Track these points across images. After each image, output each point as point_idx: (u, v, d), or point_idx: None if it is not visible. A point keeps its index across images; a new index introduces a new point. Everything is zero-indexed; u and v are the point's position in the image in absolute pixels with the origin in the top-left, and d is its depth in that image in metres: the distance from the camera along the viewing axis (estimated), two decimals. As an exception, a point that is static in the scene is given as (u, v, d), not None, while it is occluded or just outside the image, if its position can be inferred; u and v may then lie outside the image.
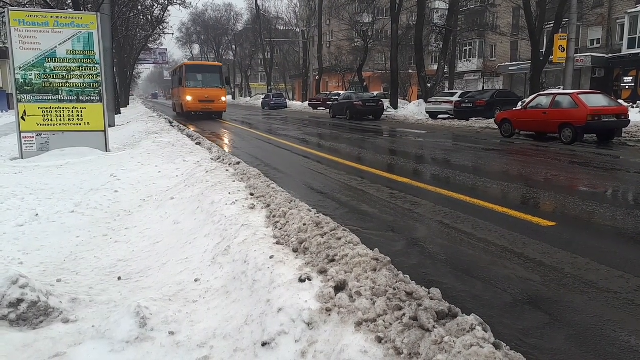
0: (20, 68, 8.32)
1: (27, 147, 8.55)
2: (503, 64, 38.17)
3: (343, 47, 44.86)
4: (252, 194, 4.68)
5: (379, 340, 1.97)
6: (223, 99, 23.70)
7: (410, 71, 37.75)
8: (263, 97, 45.61)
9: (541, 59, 22.03)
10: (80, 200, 5.18)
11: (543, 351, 2.37)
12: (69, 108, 8.73)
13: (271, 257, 2.87)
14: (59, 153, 8.47)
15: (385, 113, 24.56)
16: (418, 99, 28.72)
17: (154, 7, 31.27)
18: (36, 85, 8.45)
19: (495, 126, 15.03)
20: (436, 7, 40.84)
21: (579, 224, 4.70)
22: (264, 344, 2.17)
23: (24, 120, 8.47)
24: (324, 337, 2.11)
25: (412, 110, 25.10)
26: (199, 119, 22.83)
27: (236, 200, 4.35)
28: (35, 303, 2.44)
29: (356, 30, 36.52)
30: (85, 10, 16.99)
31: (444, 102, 21.79)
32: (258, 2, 50.62)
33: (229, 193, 4.66)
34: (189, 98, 22.76)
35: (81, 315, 2.55)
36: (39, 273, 3.28)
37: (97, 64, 8.80)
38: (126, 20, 30.12)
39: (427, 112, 22.77)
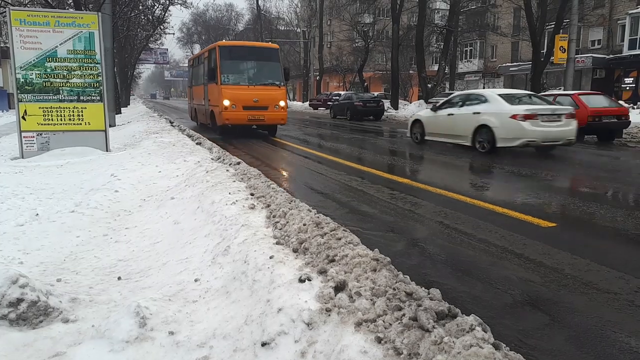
0: (21, 68, 8.32)
1: (27, 146, 8.55)
2: (504, 65, 38.19)
3: (344, 48, 44.88)
4: (252, 194, 4.68)
5: (379, 340, 1.97)
6: (282, 103, 13.84)
7: (410, 72, 37.79)
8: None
9: (542, 59, 22.03)
10: (81, 200, 5.17)
11: (543, 352, 2.37)
12: (69, 108, 8.73)
13: (271, 257, 2.86)
14: (59, 153, 8.47)
15: (385, 113, 24.59)
16: (419, 100, 28.79)
17: (155, 7, 31.34)
18: (37, 85, 8.45)
19: (496, 127, 15.00)
20: (437, 7, 40.84)
21: (579, 225, 4.70)
22: (263, 344, 2.17)
23: (25, 119, 8.47)
24: (324, 337, 2.11)
25: (413, 110, 25.08)
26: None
27: (236, 200, 4.35)
28: (35, 303, 2.44)
29: (357, 30, 36.53)
30: (86, 10, 17.02)
31: (444, 102, 21.77)
32: (259, 2, 50.65)
33: (229, 193, 4.66)
34: (226, 103, 13.16)
35: (81, 315, 2.55)
36: (38, 273, 3.28)
37: (97, 63, 8.81)
38: (127, 20, 30.13)
39: (427, 113, 22.76)
